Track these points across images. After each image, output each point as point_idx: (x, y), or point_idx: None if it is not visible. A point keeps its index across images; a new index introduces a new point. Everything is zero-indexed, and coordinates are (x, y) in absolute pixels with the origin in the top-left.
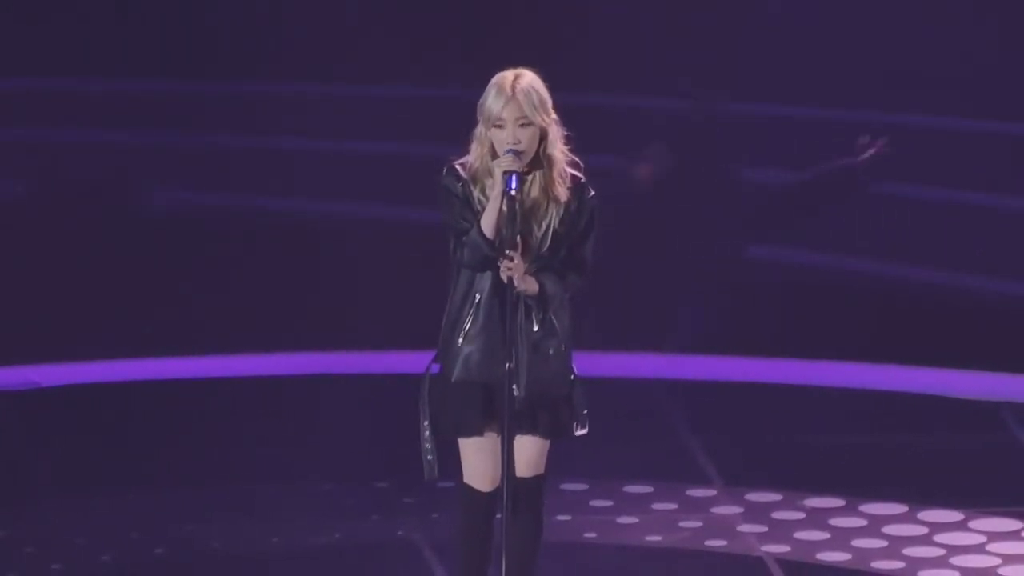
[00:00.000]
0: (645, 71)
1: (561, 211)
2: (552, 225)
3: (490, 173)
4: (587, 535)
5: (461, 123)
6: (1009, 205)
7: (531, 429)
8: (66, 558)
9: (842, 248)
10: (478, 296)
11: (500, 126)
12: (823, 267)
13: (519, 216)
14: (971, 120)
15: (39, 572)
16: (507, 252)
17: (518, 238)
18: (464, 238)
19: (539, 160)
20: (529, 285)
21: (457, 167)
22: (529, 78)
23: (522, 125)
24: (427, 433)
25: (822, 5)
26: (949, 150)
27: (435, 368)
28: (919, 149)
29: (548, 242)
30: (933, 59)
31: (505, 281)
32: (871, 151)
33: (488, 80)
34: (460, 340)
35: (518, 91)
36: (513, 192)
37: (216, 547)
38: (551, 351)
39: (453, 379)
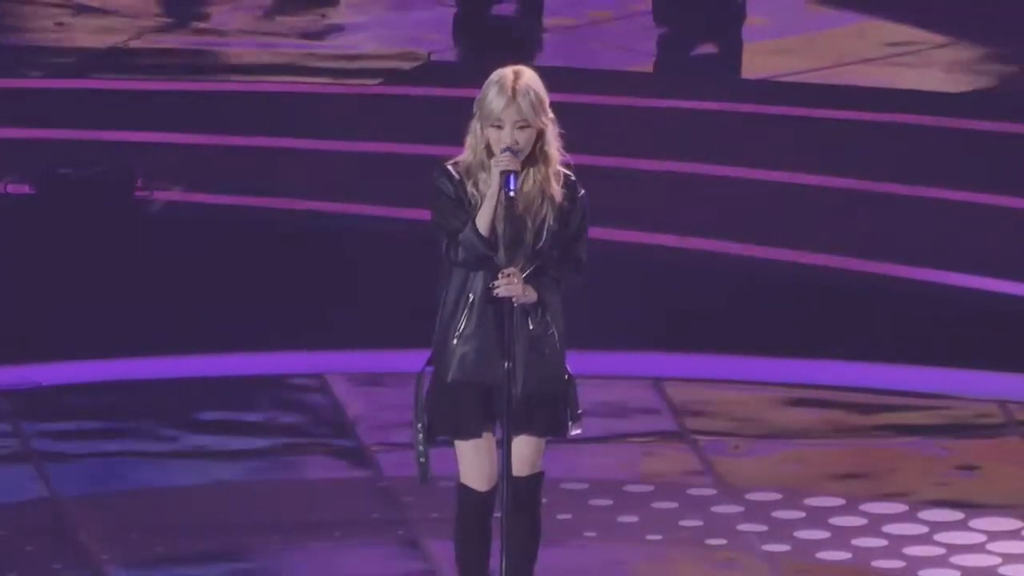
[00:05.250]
0: None
1: (555, 209)
2: (547, 222)
3: (484, 167)
4: (587, 534)
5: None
6: (1010, 204)
7: (528, 428)
8: (66, 557)
9: (841, 248)
10: (471, 296)
11: (499, 127)
12: (822, 266)
13: (514, 214)
14: (972, 120)
15: (39, 572)
16: (504, 271)
17: (515, 255)
18: (460, 236)
19: (535, 157)
20: (528, 297)
21: (449, 167)
22: (528, 77)
23: (520, 127)
24: (420, 436)
25: None
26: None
27: (429, 370)
28: (919, 148)
29: (543, 238)
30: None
31: (497, 295)
32: None
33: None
34: (455, 341)
35: (518, 93)
36: (512, 192)
37: (215, 546)
38: (547, 350)
39: (449, 380)
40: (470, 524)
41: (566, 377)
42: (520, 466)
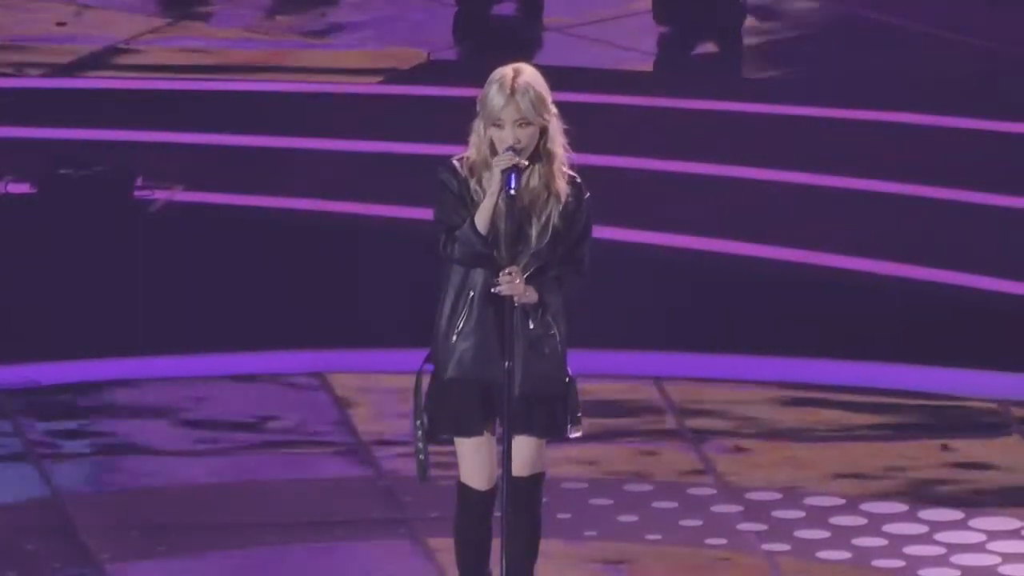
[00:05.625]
0: None
1: (560, 206)
2: (552, 219)
3: (488, 166)
4: (587, 533)
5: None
6: (1011, 204)
7: (527, 429)
8: (66, 557)
9: (842, 247)
10: (471, 293)
11: (499, 126)
12: (822, 266)
13: (516, 211)
14: (972, 119)
15: (39, 571)
16: (506, 270)
17: (517, 261)
18: (457, 233)
19: (538, 154)
20: (529, 297)
21: (455, 163)
22: (528, 74)
23: (521, 125)
24: (419, 433)
25: None
26: (948, 149)
27: (428, 367)
28: (919, 148)
29: (547, 236)
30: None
31: (497, 292)
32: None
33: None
34: (454, 338)
35: (517, 91)
36: (512, 191)
37: (215, 545)
38: (547, 350)
39: (447, 377)
40: (470, 523)
41: (566, 379)
42: (520, 467)
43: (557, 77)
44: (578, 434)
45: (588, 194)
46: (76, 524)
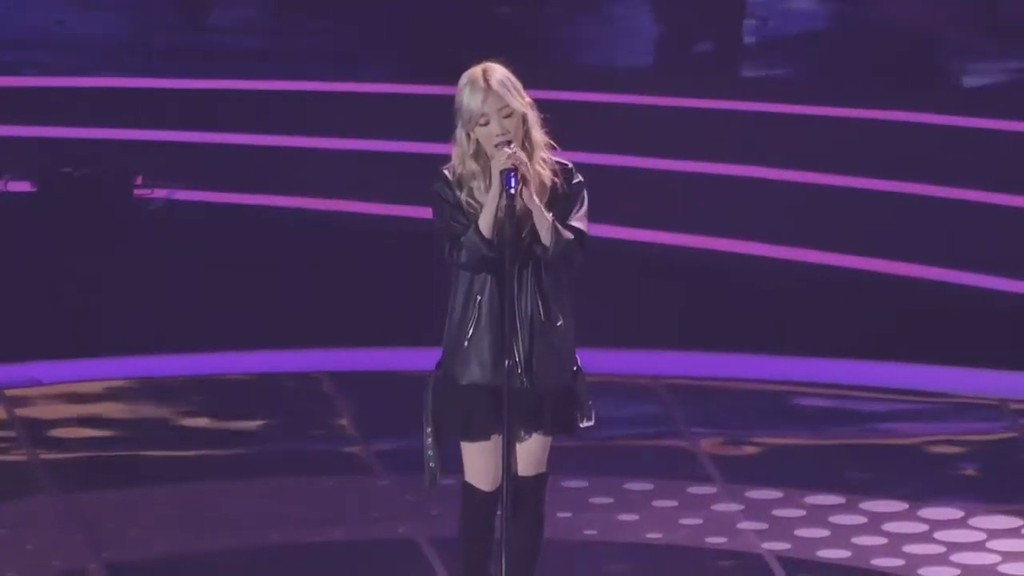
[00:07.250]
0: None
1: (548, 194)
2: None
3: (475, 176)
4: (587, 532)
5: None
6: (1011, 203)
7: (538, 427)
8: (65, 556)
9: (840, 246)
10: (479, 298)
11: (484, 123)
12: (823, 265)
13: (518, 212)
14: (971, 118)
15: (39, 571)
16: (509, 147)
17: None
18: (462, 239)
19: (524, 148)
20: (538, 210)
21: (446, 172)
22: (497, 69)
23: (506, 116)
24: (430, 440)
25: None
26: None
27: (439, 374)
28: (921, 147)
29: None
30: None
31: (508, 166)
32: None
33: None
34: (466, 344)
35: (493, 83)
36: (512, 190)
37: (215, 545)
38: (556, 342)
39: (463, 383)
40: (474, 523)
41: (575, 369)
42: (526, 466)
43: (557, 76)
44: (590, 423)
45: (580, 178)
46: (76, 523)
